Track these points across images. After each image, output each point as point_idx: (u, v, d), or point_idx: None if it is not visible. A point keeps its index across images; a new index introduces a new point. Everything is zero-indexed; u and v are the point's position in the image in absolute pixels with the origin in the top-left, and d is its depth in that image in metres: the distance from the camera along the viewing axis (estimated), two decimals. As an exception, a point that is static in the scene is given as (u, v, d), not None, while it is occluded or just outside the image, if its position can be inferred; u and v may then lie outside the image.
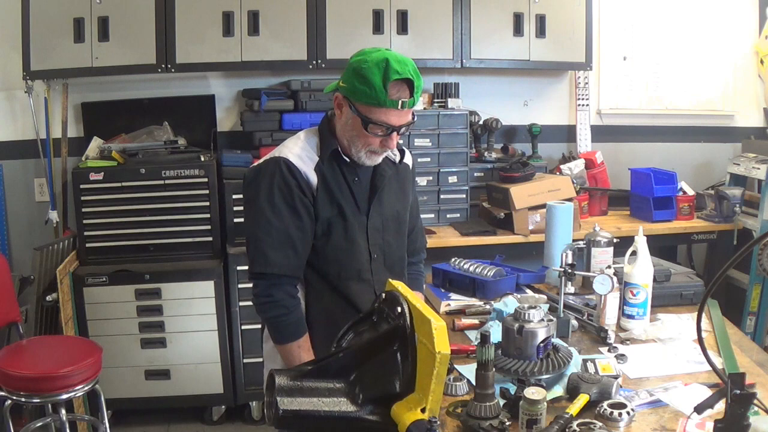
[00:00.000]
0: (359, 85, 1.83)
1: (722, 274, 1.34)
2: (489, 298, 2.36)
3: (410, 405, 1.32)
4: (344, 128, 1.94)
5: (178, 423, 3.66)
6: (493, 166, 3.84)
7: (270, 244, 1.92)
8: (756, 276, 3.64)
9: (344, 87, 1.88)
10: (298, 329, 1.96)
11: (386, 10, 3.63)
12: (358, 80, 1.83)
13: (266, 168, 1.96)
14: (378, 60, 1.82)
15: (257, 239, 1.94)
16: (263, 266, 1.93)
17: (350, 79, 1.86)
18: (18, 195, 3.82)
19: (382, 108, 1.84)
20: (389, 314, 1.43)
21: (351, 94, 1.86)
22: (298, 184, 1.94)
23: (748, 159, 3.88)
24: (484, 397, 1.52)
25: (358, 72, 1.83)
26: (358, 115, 1.87)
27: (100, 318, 3.41)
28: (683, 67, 4.29)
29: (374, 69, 1.81)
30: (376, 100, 1.83)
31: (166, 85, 3.79)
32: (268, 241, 1.92)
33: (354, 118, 1.89)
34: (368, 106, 1.85)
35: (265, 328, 2.07)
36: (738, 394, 1.27)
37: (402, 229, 2.15)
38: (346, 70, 1.89)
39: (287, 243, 1.93)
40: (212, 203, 3.46)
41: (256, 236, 1.94)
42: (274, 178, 1.93)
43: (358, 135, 1.91)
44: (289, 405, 1.33)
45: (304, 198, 1.94)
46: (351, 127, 1.91)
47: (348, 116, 1.90)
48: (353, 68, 1.86)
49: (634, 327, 2.11)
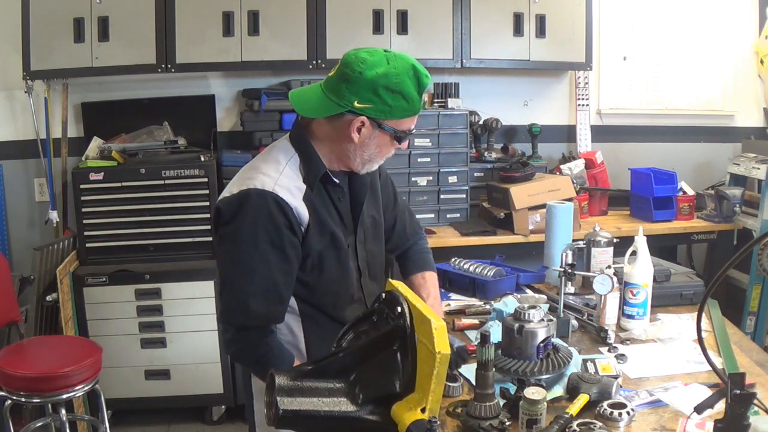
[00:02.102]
0: (394, 102, 1.64)
1: (722, 274, 1.34)
2: (489, 298, 2.36)
3: (410, 405, 1.31)
4: (361, 149, 1.71)
5: (178, 423, 3.66)
6: (493, 166, 3.84)
7: (252, 293, 1.67)
8: (756, 276, 3.64)
9: (370, 108, 1.64)
10: (285, 358, 1.72)
11: (386, 10, 3.63)
12: (391, 97, 1.64)
13: (249, 203, 1.66)
14: (405, 69, 1.65)
15: (236, 287, 1.69)
16: (243, 318, 1.69)
17: (376, 98, 1.64)
18: (18, 195, 3.82)
19: (414, 116, 1.72)
20: (389, 314, 1.43)
21: (382, 114, 1.65)
22: (289, 223, 1.69)
23: (748, 159, 3.88)
24: (484, 397, 1.52)
25: (388, 88, 1.63)
26: (391, 132, 1.69)
27: (100, 318, 3.41)
28: (683, 67, 4.29)
29: (407, 80, 1.65)
30: (412, 110, 1.69)
31: (166, 85, 3.78)
32: (250, 290, 1.67)
33: (381, 136, 1.70)
34: (402, 120, 1.69)
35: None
36: (738, 394, 1.27)
37: (379, 233, 1.96)
38: (362, 89, 1.63)
39: (271, 291, 1.70)
40: (212, 203, 3.46)
41: (235, 283, 1.69)
42: (259, 216, 1.66)
43: (381, 150, 1.74)
44: (289, 405, 1.33)
45: (293, 238, 1.70)
46: (375, 145, 1.71)
47: (372, 137, 1.70)
48: (381, 87, 1.63)
49: (634, 327, 2.11)
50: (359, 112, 1.65)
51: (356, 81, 1.64)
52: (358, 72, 1.64)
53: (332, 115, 1.68)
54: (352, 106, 1.64)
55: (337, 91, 1.66)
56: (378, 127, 1.68)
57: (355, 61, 1.66)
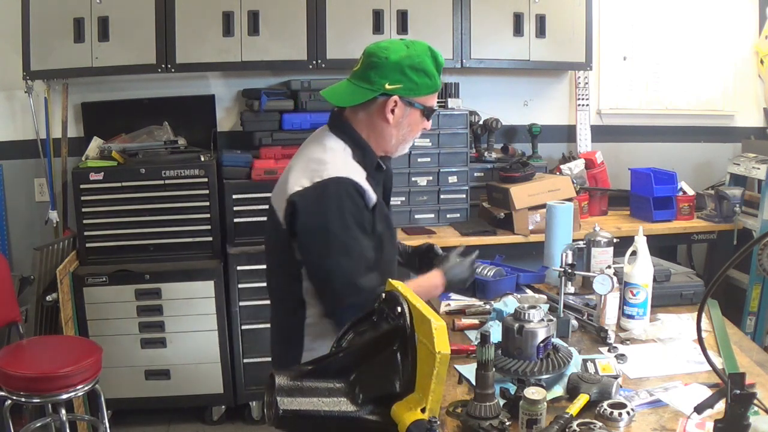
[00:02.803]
0: (419, 79, 1.81)
1: (722, 274, 1.34)
2: (489, 298, 2.36)
3: (410, 405, 1.31)
4: (396, 128, 1.86)
5: (178, 423, 3.66)
6: (493, 166, 3.84)
7: (357, 272, 1.76)
8: (756, 276, 3.64)
9: (400, 88, 1.80)
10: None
11: (386, 10, 3.63)
12: (417, 75, 1.80)
13: (329, 190, 1.76)
14: (423, 50, 1.82)
15: (341, 271, 1.76)
16: (357, 297, 1.74)
17: (403, 77, 1.79)
18: (18, 195, 3.82)
19: (436, 93, 1.89)
20: (389, 314, 1.43)
21: (412, 92, 1.81)
22: (365, 205, 1.81)
23: (748, 159, 3.88)
24: (484, 397, 1.52)
25: (414, 68, 1.79)
26: (422, 108, 1.85)
27: (100, 318, 3.41)
28: (683, 67, 4.29)
29: (427, 59, 1.81)
30: (435, 87, 1.86)
31: (166, 85, 3.78)
32: (355, 271, 1.76)
33: (412, 114, 1.85)
34: (429, 96, 1.86)
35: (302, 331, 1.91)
36: (738, 394, 1.27)
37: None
38: (390, 71, 1.78)
39: (371, 267, 1.80)
40: (212, 203, 3.46)
41: (339, 268, 1.76)
42: (342, 201, 1.76)
43: (412, 128, 1.88)
44: (289, 405, 1.33)
45: (370, 219, 1.83)
46: (408, 124, 1.86)
47: (404, 115, 1.84)
48: (406, 67, 1.78)
49: (634, 327, 2.11)
50: (391, 92, 1.80)
51: (384, 66, 1.78)
52: (384, 57, 1.79)
53: (366, 103, 1.83)
54: (384, 88, 1.79)
55: (367, 79, 1.80)
56: (409, 104, 1.83)
57: (378, 49, 1.81)
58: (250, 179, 3.48)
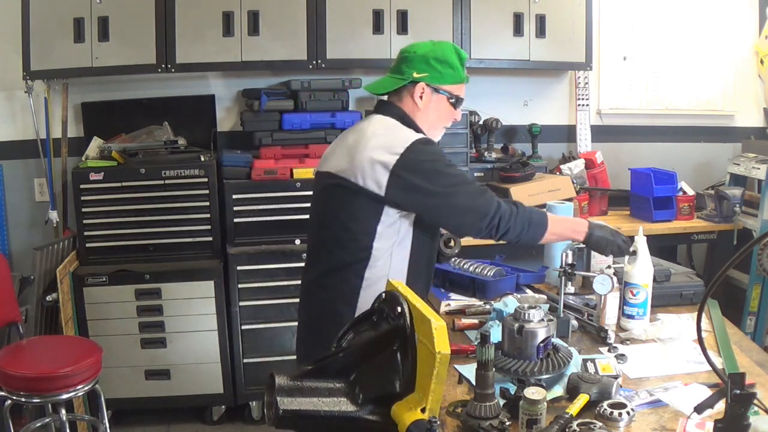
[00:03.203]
0: (444, 69, 2.04)
1: (722, 274, 1.34)
2: (489, 298, 2.36)
3: (410, 405, 1.31)
4: (429, 115, 2.08)
5: (178, 423, 3.66)
6: (493, 166, 3.84)
7: (480, 188, 2.03)
8: (756, 276, 3.64)
9: (426, 76, 2.04)
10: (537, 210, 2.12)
11: (386, 10, 3.63)
12: (441, 65, 2.04)
13: (418, 147, 1.97)
14: (448, 46, 2.09)
15: (468, 192, 1.99)
16: (493, 204, 1.99)
17: (429, 67, 2.03)
18: (18, 195, 3.82)
19: (462, 84, 2.11)
20: (389, 314, 1.43)
21: (436, 80, 2.05)
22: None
23: (748, 159, 3.88)
24: (484, 397, 1.52)
25: (438, 59, 2.04)
26: (449, 96, 2.07)
27: (100, 318, 3.41)
28: (683, 67, 4.29)
29: (450, 54, 2.06)
30: (459, 78, 2.09)
31: (166, 85, 3.79)
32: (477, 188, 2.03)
33: (438, 100, 2.07)
34: (454, 85, 2.08)
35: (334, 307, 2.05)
36: (738, 394, 1.27)
37: None
38: (417, 62, 2.04)
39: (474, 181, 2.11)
40: (212, 203, 3.46)
41: (466, 192, 1.99)
42: (436, 152, 2.00)
43: (441, 114, 2.10)
44: (289, 405, 1.33)
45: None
46: (434, 109, 2.08)
47: (433, 102, 2.07)
48: (431, 58, 2.03)
49: (634, 327, 2.11)
50: (418, 80, 2.04)
51: (412, 58, 2.06)
52: (413, 52, 2.07)
53: (399, 91, 2.08)
54: (412, 77, 2.04)
55: (399, 71, 2.08)
56: (435, 91, 2.06)
57: (409, 47, 2.11)
58: (250, 179, 3.48)
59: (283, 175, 3.47)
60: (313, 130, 3.61)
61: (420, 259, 2.09)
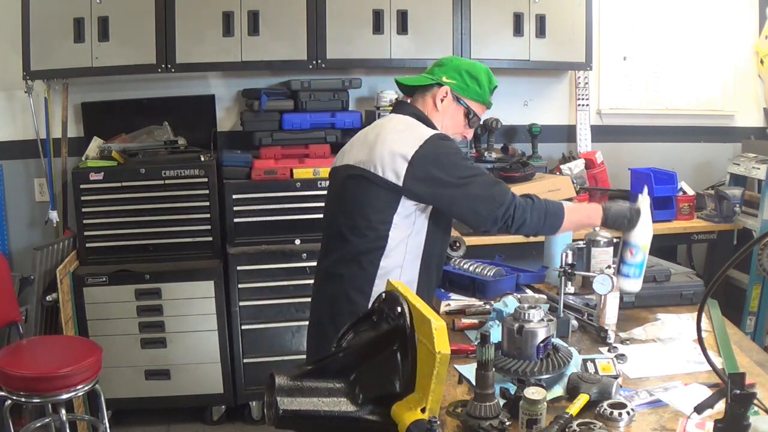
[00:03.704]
0: (471, 84, 2.15)
1: (722, 274, 1.34)
2: (489, 298, 2.36)
3: (410, 405, 1.31)
4: (444, 120, 2.17)
5: (178, 423, 3.66)
6: (493, 166, 3.84)
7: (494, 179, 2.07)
8: (756, 276, 3.64)
9: (453, 83, 2.14)
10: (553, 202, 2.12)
11: (386, 10, 3.63)
12: (470, 79, 2.15)
13: (436, 141, 2.03)
14: (483, 67, 2.19)
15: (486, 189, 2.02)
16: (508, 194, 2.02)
17: (459, 77, 2.15)
18: (18, 195, 3.82)
19: (483, 105, 2.20)
20: (389, 314, 1.43)
21: (461, 90, 2.15)
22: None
23: (748, 159, 3.88)
24: (484, 397, 1.52)
25: (469, 73, 2.15)
26: (466, 107, 2.16)
27: (100, 318, 3.41)
28: (683, 67, 4.29)
29: (483, 74, 2.17)
30: (483, 98, 2.18)
31: (166, 85, 3.78)
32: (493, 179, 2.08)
33: (457, 109, 2.16)
34: (474, 101, 2.17)
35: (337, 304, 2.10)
36: (738, 394, 1.27)
37: None
38: (449, 69, 2.15)
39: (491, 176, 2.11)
40: (212, 203, 3.46)
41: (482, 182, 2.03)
42: (451, 146, 2.06)
43: (454, 124, 2.18)
44: (289, 405, 1.33)
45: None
46: (450, 116, 2.17)
47: (451, 110, 2.16)
48: (463, 69, 2.15)
49: (626, 286, 2.11)
50: (445, 84, 2.15)
51: (447, 64, 2.19)
52: (449, 60, 2.22)
53: (425, 89, 2.18)
54: (441, 80, 2.15)
55: (432, 72, 2.19)
56: (456, 100, 2.16)
57: (447, 57, 2.26)
58: (250, 179, 3.48)
59: (283, 175, 3.47)
60: (313, 130, 3.61)
61: (433, 253, 2.14)
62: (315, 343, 2.23)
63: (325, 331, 2.13)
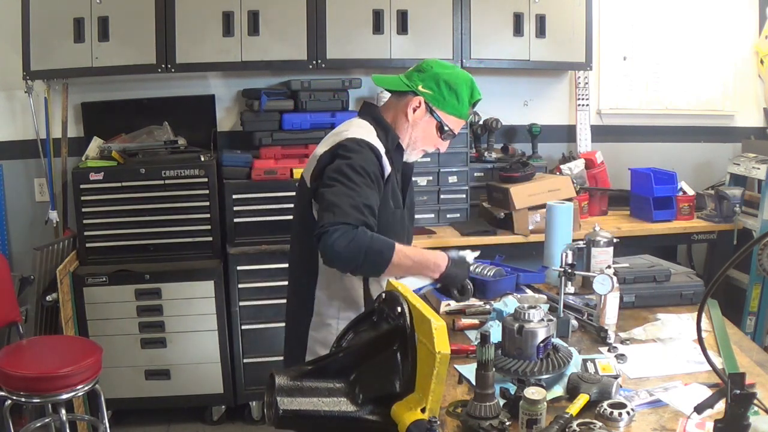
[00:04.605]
0: (449, 96, 2.03)
1: (722, 274, 1.34)
2: (489, 298, 2.36)
3: (410, 405, 1.32)
4: (412, 127, 2.06)
5: (178, 423, 3.66)
6: (493, 166, 3.84)
7: (360, 200, 1.86)
8: (756, 276, 3.64)
9: (428, 94, 2.03)
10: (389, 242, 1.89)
11: (386, 10, 3.63)
12: (448, 92, 2.03)
13: (352, 147, 1.94)
14: (466, 78, 2.06)
15: (347, 194, 1.85)
16: (352, 217, 1.82)
17: (436, 87, 2.03)
18: (18, 195, 3.82)
19: (460, 120, 2.08)
20: (389, 314, 1.43)
21: (436, 102, 2.04)
22: (381, 169, 1.98)
23: (748, 159, 3.88)
24: (484, 397, 1.52)
25: (448, 85, 2.03)
26: (438, 120, 2.05)
27: (100, 318, 3.41)
28: (683, 67, 4.29)
29: (464, 86, 2.04)
30: (459, 112, 2.06)
31: (166, 85, 3.78)
32: (358, 199, 1.86)
33: (429, 121, 2.05)
34: (450, 115, 2.05)
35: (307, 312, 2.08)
36: (738, 394, 1.27)
37: (413, 220, 2.29)
38: (428, 78, 2.04)
39: (371, 208, 1.88)
40: (212, 203, 3.46)
41: (346, 193, 1.85)
42: (362, 155, 1.93)
43: (425, 136, 2.07)
44: (289, 405, 1.33)
45: (380, 182, 1.97)
46: (421, 128, 2.06)
47: (424, 121, 2.06)
48: (442, 80, 2.03)
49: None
50: (420, 93, 2.04)
51: (426, 71, 2.06)
52: (430, 66, 2.07)
53: (399, 95, 2.08)
54: (416, 88, 2.04)
55: (410, 77, 2.08)
56: (430, 112, 2.05)
57: (430, 60, 2.10)
58: (250, 179, 3.49)
59: (283, 175, 3.48)
60: (313, 130, 3.61)
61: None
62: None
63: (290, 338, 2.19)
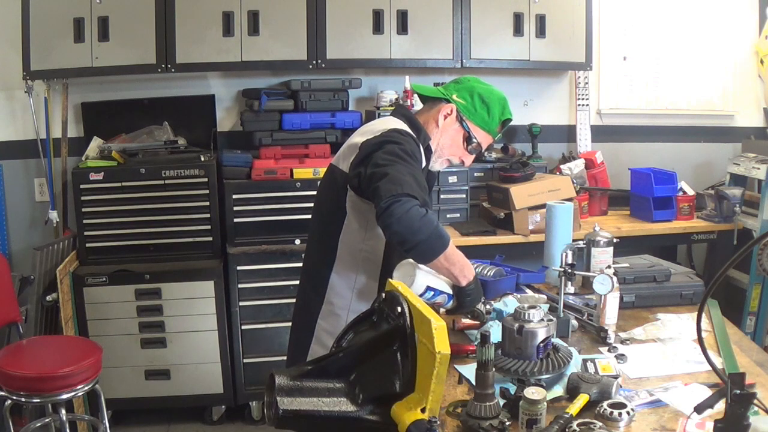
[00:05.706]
0: (480, 109, 2.10)
1: (722, 274, 1.34)
2: (489, 298, 2.36)
3: (410, 405, 1.31)
4: (441, 134, 2.10)
5: (178, 423, 3.66)
6: (493, 166, 3.84)
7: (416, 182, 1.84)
8: (756, 276, 3.64)
9: (462, 104, 2.10)
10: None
11: (386, 10, 3.63)
12: (480, 105, 2.10)
13: (398, 137, 1.95)
14: (500, 96, 2.13)
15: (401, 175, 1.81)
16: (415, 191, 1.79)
17: (469, 98, 2.10)
18: (18, 195, 3.82)
19: (488, 135, 2.14)
20: (389, 314, 1.43)
21: (467, 111, 2.10)
22: (420, 158, 2.03)
23: (748, 159, 3.88)
24: (484, 397, 1.52)
25: (482, 98, 2.10)
26: (466, 130, 2.10)
27: (100, 318, 3.41)
28: (683, 67, 4.29)
29: (496, 103, 2.11)
30: (488, 126, 2.12)
31: (166, 85, 3.79)
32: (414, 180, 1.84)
33: (458, 130, 2.11)
34: (478, 128, 2.11)
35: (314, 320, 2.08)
36: (738, 394, 1.27)
37: None
38: (463, 89, 2.12)
39: (424, 190, 1.88)
40: (212, 203, 3.47)
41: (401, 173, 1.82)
42: (411, 144, 1.95)
43: (452, 145, 2.12)
44: (289, 405, 1.33)
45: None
46: (450, 136, 2.11)
47: (452, 127, 2.11)
48: (477, 93, 2.10)
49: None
50: (453, 101, 2.11)
51: (463, 83, 2.15)
52: (468, 80, 2.16)
53: (433, 101, 2.15)
54: (450, 96, 2.12)
55: (446, 87, 2.17)
56: (460, 121, 2.10)
57: (472, 77, 2.19)
58: (250, 179, 3.49)
59: (283, 175, 3.48)
60: (313, 130, 3.61)
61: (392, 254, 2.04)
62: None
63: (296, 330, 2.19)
